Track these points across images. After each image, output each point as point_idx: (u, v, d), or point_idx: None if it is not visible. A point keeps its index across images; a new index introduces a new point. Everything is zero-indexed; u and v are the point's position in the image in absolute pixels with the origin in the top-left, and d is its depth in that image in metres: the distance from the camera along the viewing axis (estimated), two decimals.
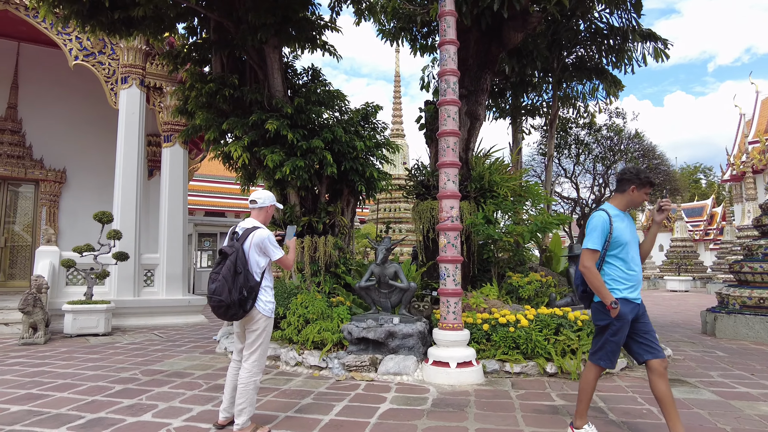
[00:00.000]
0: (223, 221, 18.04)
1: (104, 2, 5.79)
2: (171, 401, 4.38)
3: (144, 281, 9.88)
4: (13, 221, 11.55)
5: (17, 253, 11.50)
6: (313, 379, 5.27)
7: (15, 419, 3.88)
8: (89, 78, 11.19)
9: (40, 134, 11.87)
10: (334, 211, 6.88)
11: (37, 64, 11.89)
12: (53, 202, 11.75)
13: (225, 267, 3.38)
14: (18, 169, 11.28)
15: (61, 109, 12.07)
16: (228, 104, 6.36)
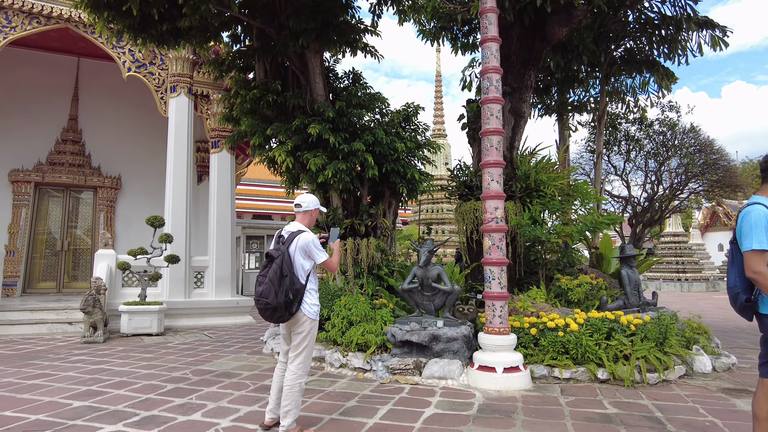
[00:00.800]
0: (270, 224, 18.43)
1: (153, 15, 6.02)
2: (219, 401, 4.49)
3: (194, 283, 10.22)
4: (75, 226, 12.22)
5: (79, 256, 12.15)
6: (358, 381, 5.27)
7: (77, 414, 4.07)
8: (141, 88, 11.70)
9: (97, 143, 12.51)
10: (375, 213, 6.88)
11: (95, 77, 12.54)
12: (110, 207, 12.35)
13: (271, 270, 3.43)
14: (79, 176, 11.93)
15: (116, 118, 12.68)
16: (272, 110, 6.48)
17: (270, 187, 24.82)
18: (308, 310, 3.57)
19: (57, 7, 9.50)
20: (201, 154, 12.83)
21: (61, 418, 3.99)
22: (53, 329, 8.52)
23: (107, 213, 12.25)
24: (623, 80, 9.97)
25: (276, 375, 3.76)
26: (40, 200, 11.87)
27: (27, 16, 9.51)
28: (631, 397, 4.60)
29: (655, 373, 5.06)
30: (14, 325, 8.39)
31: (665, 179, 14.40)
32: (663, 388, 4.88)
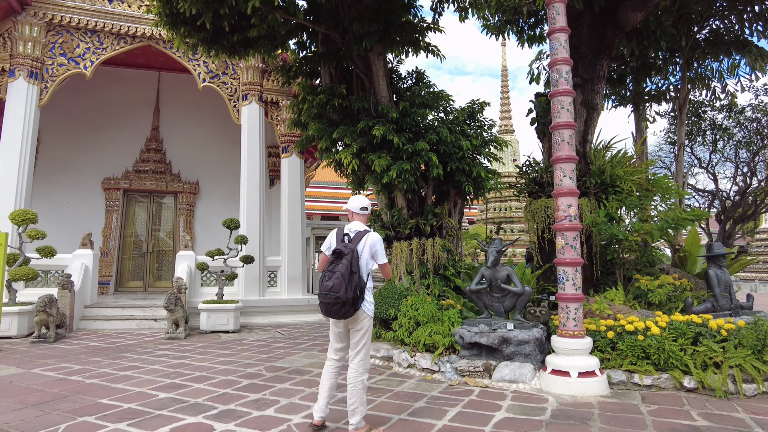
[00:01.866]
0: (335, 224, 18.82)
1: (224, 27, 6.33)
2: (291, 398, 4.63)
3: (268, 282, 10.63)
4: (158, 229, 13.11)
5: (162, 257, 13.02)
6: (426, 382, 5.25)
7: (162, 405, 4.35)
8: (215, 98, 12.34)
9: (177, 151, 13.35)
10: (441, 212, 6.82)
11: (174, 89, 13.38)
12: (189, 210, 13.13)
13: (342, 266, 3.48)
14: (161, 183, 12.79)
15: (193, 127, 13.47)
16: (337, 113, 6.61)
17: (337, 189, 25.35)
18: (368, 308, 3.64)
19: (140, 27, 10.23)
20: (272, 159, 13.33)
21: (148, 407, 4.28)
22: (141, 325, 9.18)
23: (187, 216, 13.03)
24: (708, 64, 9.22)
25: (326, 373, 3.76)
26: (128, 205, 12.86)
27: (115, 37, 10.32)
28: (724, 409, 4.24)
29: (753, 384, 4.63)
30: (108, 321, 9.13)
31: (760, 170, 13.18)
32: (763, 401, 4.46)
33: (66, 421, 3.92)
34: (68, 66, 10.06)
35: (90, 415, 4.07)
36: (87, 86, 12.02)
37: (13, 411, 4.20)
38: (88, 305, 9.40)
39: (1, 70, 9.66)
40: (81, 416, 4.03)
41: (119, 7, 10.25)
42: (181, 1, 5.55)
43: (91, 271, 9.56)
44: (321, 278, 3.59)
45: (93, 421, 3.91)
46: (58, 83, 9.97)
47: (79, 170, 12.47)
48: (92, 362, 6.19)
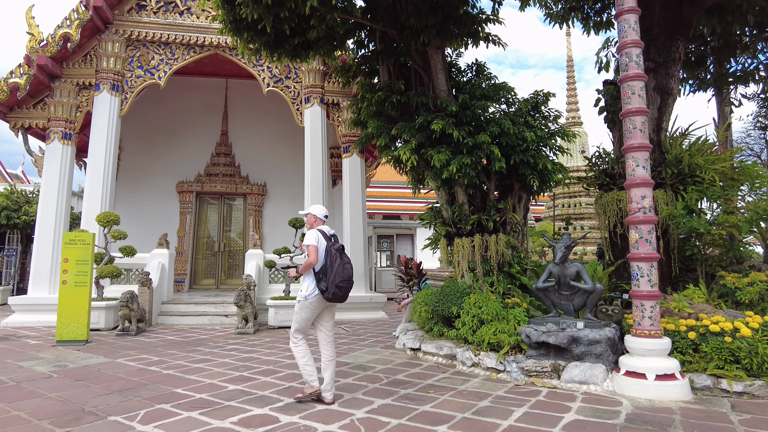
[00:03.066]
0: (399, 224, 18.87)
1: (285, 31, 6.48)
2: (354, 393, 4.66)
3: None
4: (229, 229, 13.71)
5: (233, 256, 13.61)
6: (491, 381, 5.11)
7: (231, 396, 4.52)
8: (279, 101, 12.69)
9: (245, 154, 13.90)
10: (504, 208, 6.61)
11: (240, 95, 13.94)
12: (257, 211, 13.62)
13: (348, 260, 4.43)
14: (231, 185, 13.37)
15: (259, 131, 13.96)
16: (396, 110, 6.59)
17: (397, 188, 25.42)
18: None
19: (208, 37, 10.73)
20: (334, 160, 13.56)
21: (218, 398, 4.46)
22: (213, 321, 9.62)
23: (255, 217, 13.53)
24: None
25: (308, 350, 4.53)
26: (200, 207, 13.54)
27: (186, 48, 10.90)
28: None
29: None
30: (183, 316, 9.65)
31: None
32: None
33: (145, 407, 4.16)
34: (145, 77, 10.73)
35: (166, 403, 4.30)
36: (161, 96, 12.78)
37: (101, 396, 4.52)
38: (165, 301, 9.99)
39: (89, 84, 10.47)
40: (158, 404, 4.27)
41: (188, 19, 10.81)
42: (243, 7, 5.74)
43: (168, 270, 10.15)
44: (337, 269, 4.30)
45: (168, 409, 4.13)
46: (136, 94, 10.67)
47: (155, 175, 13.29)
48: (169, 354, 6.55)
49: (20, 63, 9.98)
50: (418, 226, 16.68)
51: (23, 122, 10.40)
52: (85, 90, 10.52)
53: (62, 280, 7.59)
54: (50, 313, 9.06)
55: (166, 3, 10.86)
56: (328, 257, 4.34)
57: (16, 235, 14.88)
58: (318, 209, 4.79)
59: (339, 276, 4.26)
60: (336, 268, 4.28)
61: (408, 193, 27.06)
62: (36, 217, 10.19)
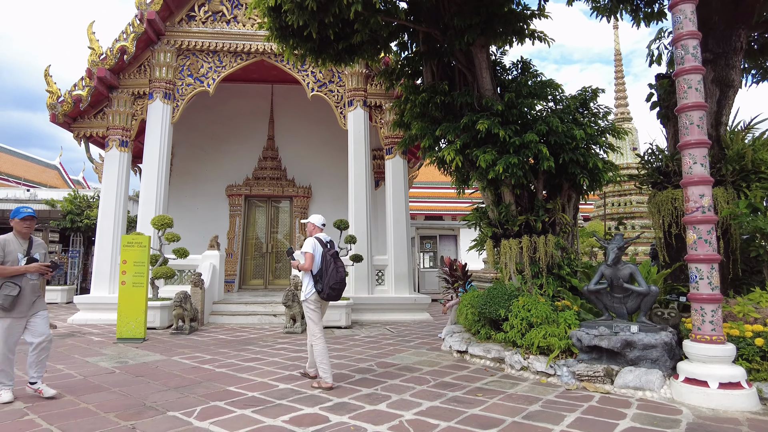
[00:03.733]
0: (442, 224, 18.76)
1: (330, 36, 6.59)
2: (402, 394, 4.67)
3: (375, 280, 10.89)
4: (276, 231, 14.05)
5: (280, 257, 13.92)
6: (540, 385, 5.01)
7: (282, 395, 4.63)
8: (323, 106, 12.92)
9: (290, 158, 14.21)
10: (553, 208, 6.46)
11: (286, 100, 14.26)
12: (303, 213, 13.88)
13: (341, 263, 5.15)
14: (277, 188, 13.70)
15: (304, 135, 14.25)
16: (440, 111, 6.56)
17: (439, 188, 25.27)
18: None
19: (254, 44, 11.04)
20: (376, 162, 13.65)
21: (270, 397, 4.57)
22: (262, 320, 9.87)
23: (301, 219, 13.79)
24: None
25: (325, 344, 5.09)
26: (249, 210, 13.94)
27: (233, 55, 11.24)
28: None
29: None
30: (234, 316, 9.95)
31: None
32: None
33: (201, 404, 4.33)
34: (195, 85, 11.15)
35: (220, 400, 4.45)
36: (210, 102, 13.24)
37: (159, 392, 4.73)
38: (216, 301, 10.34)
39: (143, 93, 10.97)
40: (213, 401, 4.43)
41: (235, 27, 11.15)
42: (289, 14, 5.87)
43: (218, 270, 10.50)
44: (331, 272, 4.99)
45: (222, 406, 4.27)
46: (187, 101, 11.09)
47: (205, 179, 13.78)
48: (220, 353, 6.78)
49: (82, 76, 10.57)
50: (461, 227, 16.53)
51: (85, 131, 11.01)
52: (140, 99, 11.03)
53: (121, 281, 7.99)
54: (110, 311, 9.57)
55: (214, 13, 11.24)
56: (323, 262, 5.04)
57: (79, 238, 15.77)
58: (317, 219, 5.49)
59: (332, 279, 4.98)
60: (330, 272, 4.99)
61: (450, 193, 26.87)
62: (96, 221, 10.77)
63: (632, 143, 14.28)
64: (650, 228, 7.67)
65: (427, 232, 16.72)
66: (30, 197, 16.79)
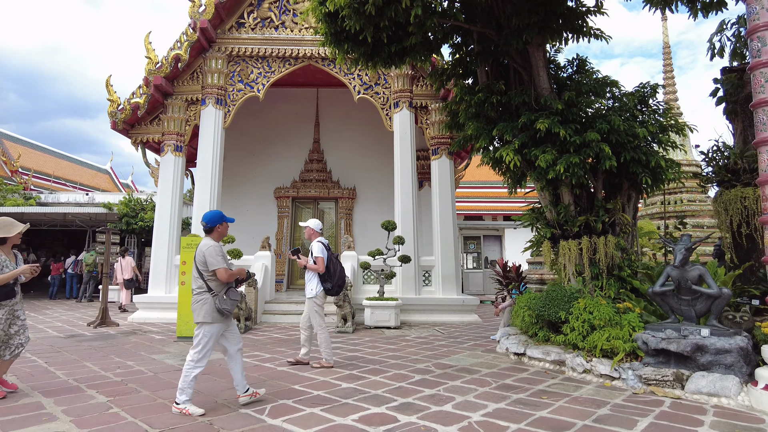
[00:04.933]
0: (486, 224, 18.58)
1: (383, 39, 6.65)
2: (466, 395, 4.67)
3: (422, 281, 10.90)
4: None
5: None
6: (605, 388, 4.91)
7: (346, 394, 4.71)
8: (367, 108, 13.05)
9: (335, 160, 14.41)
10: (613, 208, 6.31)
11: (331, 103, 14.46)
12: (348, 214, 14.05)
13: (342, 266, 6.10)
14: (323, 190, 13.91)
15: (349, 137, 14.42)
16: (495, 111, 6.51)
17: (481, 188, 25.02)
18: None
19: (302, 49, 11.25)
20: (420, 162, 13.63)
21: (335, 396, 4.65)
22: None
23: (346, 220, 13.97)
24: None
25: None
26: (296, 211, 14.20)
27: (281, 60, 11.49)
28: None
29: None
30: (285, 315, 10.16)
31: None
32: None
33: (270, 402, 4.45)
34: (245, 90, 11.45)
35: (288, 398, 4.56)
36: (258, 107, 13.57)
37: (228, 389, 4.88)
38: (267, 300, 10.59)
39: (195, 100, 11.36)
40: (281, 399, 4.54)
41: (283, 33, 11.39)
42: (347, 19, 5.96)
43: (270, 271, 10.74)
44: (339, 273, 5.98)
45: (291, 404, 4.38)
46: (237, 106, 11.41)
47: (254, 182, 14.14)
48: (278, 351, 6.94)
49: (140, 84, 11.04)
50: (506, 227, 16.34)
51: (142, 137, 11.48)
52: (193, 105, 11.43)
53: (181, 281, 8.29)
54: (167, 310, 9.95)
55: (263, 19, 11.51)
56: (330, 264, 5.86)
57: (134, 239, 16.46)
58: (315, 223, 6.07)
59: (340, 278, 5.93)
60: (338, 272, 5.93)
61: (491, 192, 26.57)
62: (149, 223, 11.21)
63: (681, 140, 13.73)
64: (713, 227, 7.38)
65: (471, 233, 16.60)
66: (88, 200, 17.63)
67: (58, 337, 8.14)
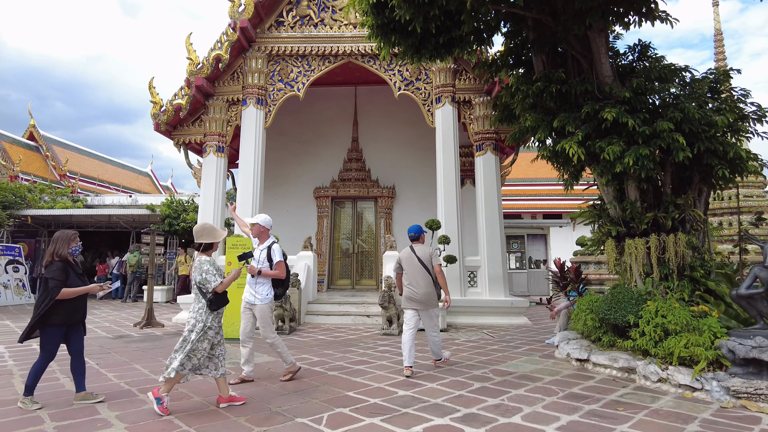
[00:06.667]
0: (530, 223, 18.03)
1: (431, 30, 6.37)
2: (533, 406, 4.34)
3: (468, 282, 10.55)
4: (361, 232, 14.07)
5: (365, 258, 13.93)
6: (686, 401, 4.49)
7: (405, 403, 4.44)
8: (407, 105, 12.79)
9: (374, 159, 14.19)
10: (684, 203, 5.84)
11: (369, 101, 14.25)
12: (387, 214, 13.81)
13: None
14: (362, 189, 13.71)
15: (387, 135, 14.17)
16: (554, 101, 6.13)
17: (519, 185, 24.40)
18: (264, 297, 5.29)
19: (342, 46, 11.06)
20: (461, 159, 13.28)
21: (393, 404, 4.40)
22: (356, 321, 9.84)
23: (386, 219, 13.73)
24: None
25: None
26: (335, 211, 14.07)
27: (321, 59, 11.33)
28: None
29: None
30: (328, 316, 10.00)
31: None
32: None
33: (326, 410, 4.23)
34: (285, 90, 11.36)
35: (344, 407, 4.33)
36: (296, 107, 13.48)
37: (281, 396, 4.71)
38: (310, 301, 10.45)
39: (236, 100, 11.33)
40: (336, 407, 4.32)
41: (323, 31, 11.23)
42: (396, 9, 5.70)
43: (312, 271, 10.60)
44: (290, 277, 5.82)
45: (348, 413, 4.15)
46: (278, 106, 11.32)
47: (294, 181, 14.07)
48: (326, 354, 6.75)
49: (181, 86, 11.08)
50: (551, 225, 15.78)
51: (184, 138, 11.54)
52: (234, 105, 11.40)
53: None
54: None
55: (302, 17, 11.39)
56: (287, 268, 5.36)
57: (176, 240, 16.67)
58: (265, 219, 5.36)
59: (288, 283, 5.50)
60: (290, 277, 5.52)
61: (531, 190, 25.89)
62: (191, 224, 11.24)
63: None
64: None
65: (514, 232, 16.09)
66: (132, 202, 17.99)
67: (107, 338, 8.20)
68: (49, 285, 4.17)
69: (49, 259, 4.33)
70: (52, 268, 4.25)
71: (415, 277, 5.80)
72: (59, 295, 4.16)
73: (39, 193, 18.13)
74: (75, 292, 4.29)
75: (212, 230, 4.56)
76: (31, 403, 4.21)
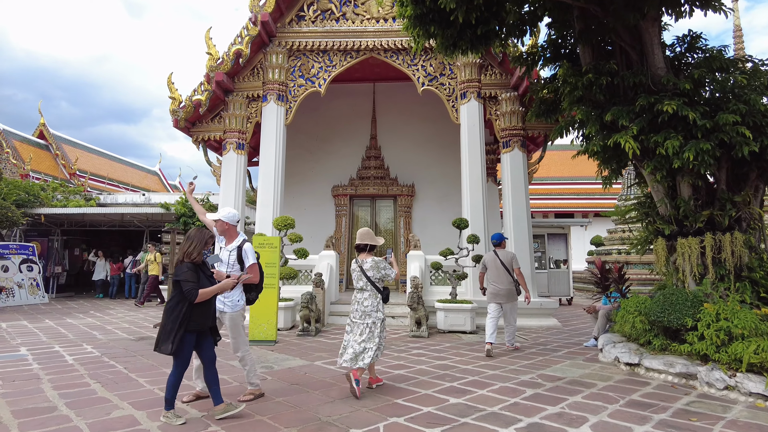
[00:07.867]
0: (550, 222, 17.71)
1: (471, 20, 6.10)
2: (599, 415, 4.08)
3: None
4: (380, 230, 13.80)
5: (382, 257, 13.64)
6: (761, 410, 4.23)
7: (460, 412, 4.18)
8: (427, 102, 12.53)
9: (393, 157, 13.91)
10: (741, 201, 5.56)
11: (388, 98, 13.98)
12: (407, 212, 13.54)
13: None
14: (381, 187, 13.45)
15: (407, 133, 13.89)
16: (604, 94, 5.85)
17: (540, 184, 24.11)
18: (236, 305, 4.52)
19: (364, 41, 10.81)
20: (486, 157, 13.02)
21: (448, 413, 4.15)
22: None
23: (405, 218, 13.47)
24: None
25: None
26: (353, 210, 13.81)
27: (342, 54, 11.09)
28: None
29: None
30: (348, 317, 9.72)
31: None
32: None
33: (379, 420, 3.98)
34: (306, 86, 11.12)
35: (397, 416, 4.08)
36: (314, 104, 13.23)
37: (327, 404, 4.45)
38: (333, 302, 10.20)
39: (257, 96, 11.10)
40: (389, 416, 4.07)
41: (345, 25, 10.98)
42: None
43: (335, 271, 10.36)
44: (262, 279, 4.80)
45: (405, 423, 3.90)
46: (299, 102, 11.08)
47: (312, 180, 13.83)
48: None
49: (201, 82, 10.85)
50: (572, 225, 15.49)
51: (203, 135, 11.32)
52: (254, 102, 11.17)
53: None
54: None
55: (323, 11, 11.14)
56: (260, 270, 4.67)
57: None
58: (229, 214, 4.59)
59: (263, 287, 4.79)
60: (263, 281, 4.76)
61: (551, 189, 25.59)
62: None
63: None
64: None
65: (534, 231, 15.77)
66: (145, 201, 17.79)
67: (129, 339, 7.97)
68: (183, 288, 3.85)
69: (180, 258, 4.04)
70: (182, 269, 3.92)
71: (499, 277, 6.93)
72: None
73: (52, 191, 17.95)
74: (210, 292, 4.00)
75: (371, 234, 5.39)
76: (175, 417, 3.89)
